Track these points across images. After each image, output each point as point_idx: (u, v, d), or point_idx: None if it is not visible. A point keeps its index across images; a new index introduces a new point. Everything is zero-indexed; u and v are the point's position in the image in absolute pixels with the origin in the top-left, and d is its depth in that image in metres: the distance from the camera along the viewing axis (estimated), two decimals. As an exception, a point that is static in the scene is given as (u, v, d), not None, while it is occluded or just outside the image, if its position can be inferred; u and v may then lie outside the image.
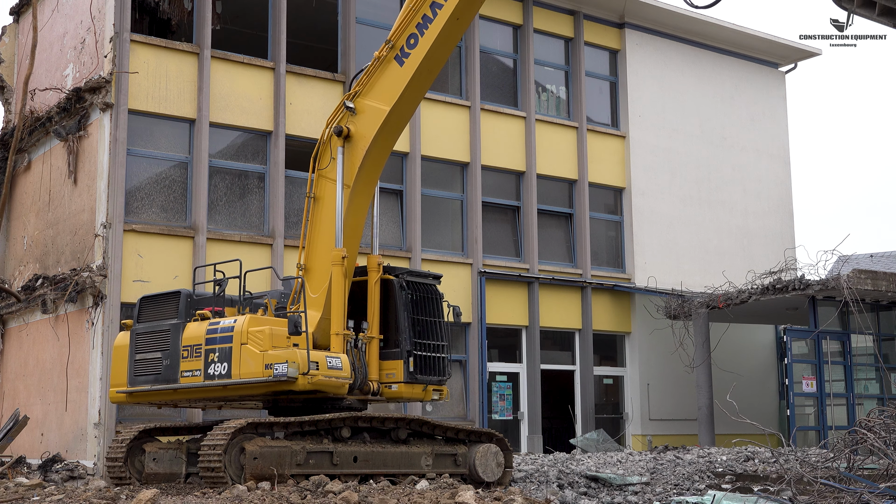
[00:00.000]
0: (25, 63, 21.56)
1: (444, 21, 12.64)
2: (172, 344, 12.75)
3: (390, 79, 12.89)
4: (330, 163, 13.13)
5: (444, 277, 21.87)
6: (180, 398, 13.06)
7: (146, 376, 12.97)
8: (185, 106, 19.04)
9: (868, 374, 23.56)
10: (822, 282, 21.01)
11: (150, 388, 12.92)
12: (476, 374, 21.60)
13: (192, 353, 12.51)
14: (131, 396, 13.27)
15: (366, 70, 13.26)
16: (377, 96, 12.98)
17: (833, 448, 14.53)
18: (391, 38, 12.93)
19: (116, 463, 13.20)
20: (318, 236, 13.06)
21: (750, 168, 27.23)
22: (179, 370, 12.58)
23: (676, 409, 24.44)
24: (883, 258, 30.66)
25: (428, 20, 12.74)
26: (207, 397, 12.98)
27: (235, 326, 12.26)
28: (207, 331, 12.46)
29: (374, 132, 12.92)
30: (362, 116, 13.00)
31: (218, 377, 12.25)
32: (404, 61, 12.85)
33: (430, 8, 12.78)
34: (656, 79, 25.60)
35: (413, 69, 12.78)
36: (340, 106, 13.22)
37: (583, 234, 23.91)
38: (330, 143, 13.15)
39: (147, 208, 18.64)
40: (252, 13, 21.31)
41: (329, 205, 13.07)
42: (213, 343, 12.36)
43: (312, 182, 13.28)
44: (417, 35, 12.79)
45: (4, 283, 21.16)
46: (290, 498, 10.38)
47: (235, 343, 12.20)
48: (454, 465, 12.86)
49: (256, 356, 12.06)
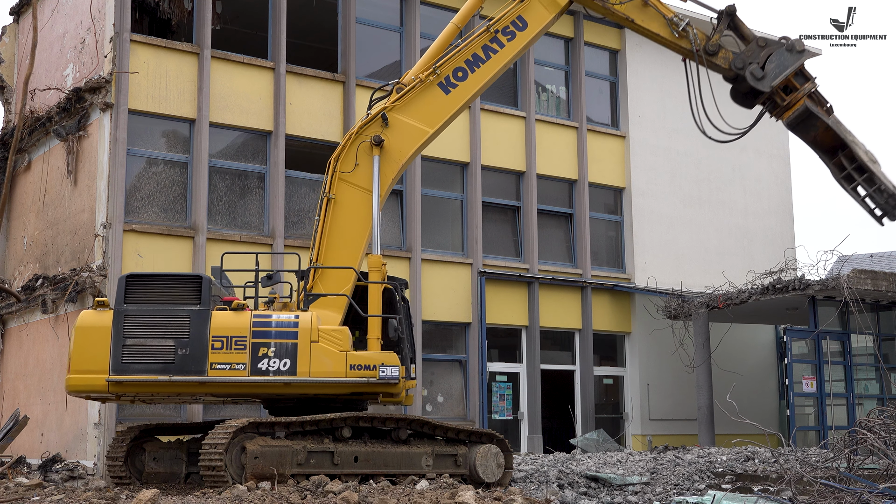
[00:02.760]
0: (25, 63, 21.57)
1: (498, 67, 13.37)
2: (195, 332, 11.97)
3: (434, 104, 13.26)
4: (354, 168, 13.05)
5: (444, 277, 22.01)
6: (209, 391, 12.39)
7: (144, 364, 11.94)
8: (185, 106, 19.04)
9: (868, 374, 23.56)
10: (822, 282, 21.01)
11: (157, 379, 11.92)
12: (476, 375, 21.61)
13: (228, 345, 11.99)
14: (120, 386, 11.98)
15: (396, 86, 13.39)
16: (418, 117, 13.24)
17: (833, 448, 14.53)
18: (437, 64, 13.29)
19: (116, 462, 13.19)
20: (334, 239, 12.92)
21: (750, 168, 27.23)
22: (208, 361, 11.95)
23: (676, 409, 24.44)
24: (883, 258, 30.64)
25: (479, 60, 13.32)
26: (248, 393, 12.46)
27: (301, 323, 12.11)
28: (254, 323, 12.08)
29: (413, 150, 13.23)
30: (400, 133, 13.16)
31: (274, 373, 12.04)
32: (450, 90, 13.29)
33: (482, 49, 13.33)
34: (656, 79, 25.60)
35: (461, 101, 13.32)
36: (376, 116, 13.17)
37: (583, 234, 23.92)
38: (358, 149, 13.08)
39: (147, 208, 18.64)
40: (252, 13, 21.31)
41: (348, 209, 12.99)
42: (264, 337, 12.04)
43: (330, 183, 13.11)
44: (467, 70, 13.33)
45: (4, 283, 21.17)
46: (290, 498, 10.38)
47: (302, 340, 12.04)
48: (454, 466, 12.86)
49: (336, 356, 12.11)
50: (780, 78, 13.39)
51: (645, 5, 13.75)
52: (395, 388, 12.41)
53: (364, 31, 21.73)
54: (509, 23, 13.48)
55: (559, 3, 13.67)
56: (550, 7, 13.60)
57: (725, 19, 13.76)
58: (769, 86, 13.43)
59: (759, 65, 13.47)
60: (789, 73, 13.40)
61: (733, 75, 13.70)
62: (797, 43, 13.40)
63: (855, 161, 13.37)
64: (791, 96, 13.46)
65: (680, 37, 13.78)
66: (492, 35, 13.43)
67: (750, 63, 13.53)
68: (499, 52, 13.33)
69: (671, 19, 13.76)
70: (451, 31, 13.73)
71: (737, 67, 13.55)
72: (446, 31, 13.70)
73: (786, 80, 13.43)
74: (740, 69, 13.54)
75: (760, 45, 13.60)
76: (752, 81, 13.45)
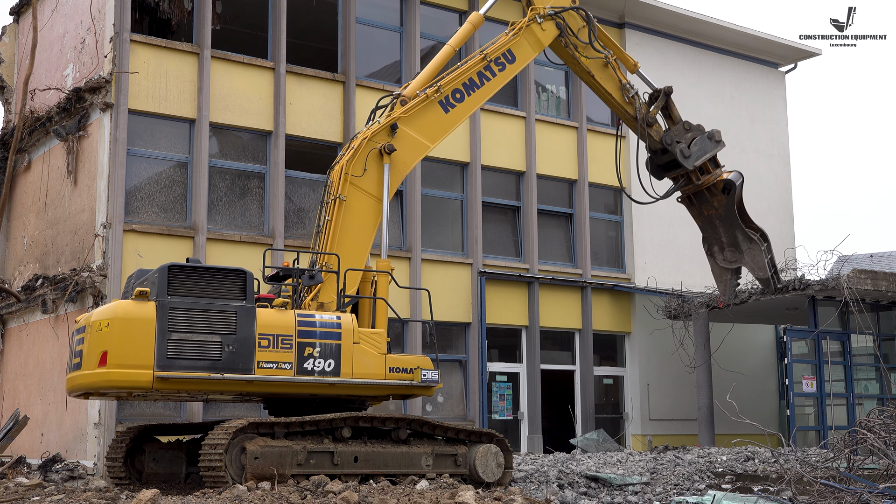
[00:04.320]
0: (25, 63, 21.57)
1: (491, 92, 14.58)
2: (242, 329, 11.67)
3: (435, 121, 14.00)
4: (364, 174, 13.25)
5: (444, 277, 22.02)
6: (255, 390, 12.17)
7: (191, 360, 11.39)
8: (185, 106, 19.05)
9: (868, 374, 23.57)
10: (822, 282, 21.02)
11: (208, 377, 11.47)
12: (476, 374, 21.61)
13: (275, 344, 11.91)
14: (166, 382, 11.33)
15: (399, 98, 13.88)
16: (420, 131, 13.85)
17: (833, 448, 14.54)
18: (439, 82, 14.08)
19: (116, 463, 13.19)
20: (341, 241, 13.03)
21: (750, 168, 27.20)
22: (255, 360, 11.75)
23: (676, 409, 24.44)
24: (883, 258, 30.65)
25: (475, 84, 14.35)
26: (291, 392, 12.34)
27: (343, 324, 12.26)
28: (299, 322, 12.07)
29: (415, 162, 13.96)
30: (406, 144, 13.67)
31: (319, 374, 12.07)
32: (449, 109, 14.12)
33: (477, 75, 14.36)
34: (656, 79, 25.41)
35: (459, 120, 14.27)
36: (386, 126, 13.53)
37: (583, 234, 23.92)
38: (368, 154, 13.31)
39: (147, 208, 18.64)
40: (252, 13, 21.31)
41: (357, 213, 13.17)
42: (310, 336, 12.07)
43: (339, 183, 13.17)
44: (463, 93, 14.26)
45: (4, 283, 21.17)
46: (290, 498, 10.38)
47: (345, 341, 12.20)
48: (454, 466, 12.87)
49: (377, 358, 12.46)
50: (701, 160, 15.72)
51: (606, 66, 15.58)
52: (431, 390, 13.05)
53: (364, 31, 21.73)
54: (500, 55, 14.70)
55: (542, 44, 15.14)
56: (535, 46, 15.08)
57: (663, 98, 15.81)
58: (692, 164, 15.66)
59: (686, 144, 15.65)
60: (708, 157, 15.79)
61: (660, 148, 15.73)
62: (716, 133, 15.80)
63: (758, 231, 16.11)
64: (705, 177, 15.90)
65: (629, 102, 15.68)
66: (486, 63, 14.50)
67: (678, 142, 15.64)
68: (491, 80, 14.55)
69: (624, 85, 15.68)
70: (448, 52, 14.67)
71: (666, 143, 15.64)
72: (443, 51, 14.61)
73: (704, 162, 15.83)
74: (669, 145, 15.63)
75: (686, 128, 15.80)
76: (680, 158, 15.56)
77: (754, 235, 16.08)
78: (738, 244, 16.07)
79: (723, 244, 16.24)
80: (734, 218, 15.96)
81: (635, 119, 15.59)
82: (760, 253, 16.00)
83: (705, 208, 16.20)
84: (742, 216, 16.20)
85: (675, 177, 16.12)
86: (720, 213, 16.04)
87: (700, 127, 15.94)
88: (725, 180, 15.76)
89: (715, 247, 16.33)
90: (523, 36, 14.90)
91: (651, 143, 15.70)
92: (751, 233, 16.08)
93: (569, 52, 15.27)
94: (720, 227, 16.19)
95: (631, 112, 15.64)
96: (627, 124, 15.97)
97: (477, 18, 15.14)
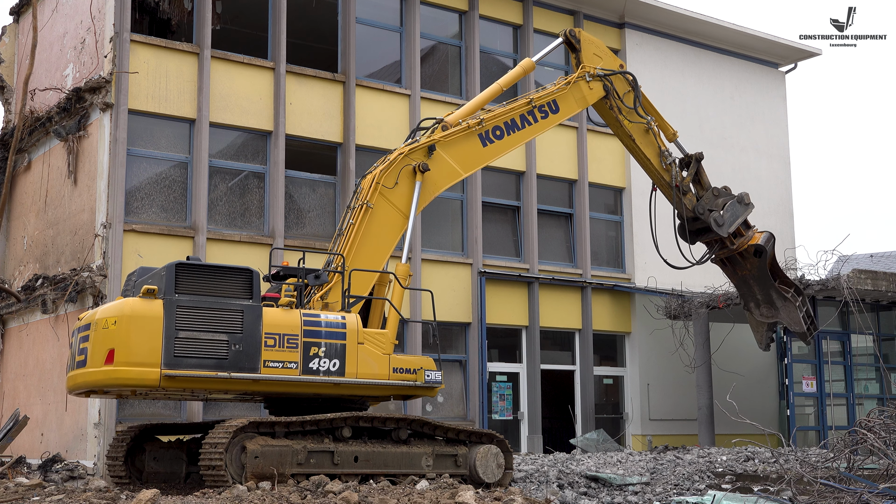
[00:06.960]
0: (25, 63, 21.57)
1: (530, 136, 14.81)
2: (248, 328, 11.63)
3: (472, 151, 14.16)
4: (395, 186, 13.37)
5: (444, 277, 22.02)
6: (261, 389, 12.16)
7: (197, 359, 11.37)
8: (185, 106, 19.05)
9: (868, 374, 23.58)
10: (822, 282, 21.02)
11: (215, 375, 11.47)
12: (476, 374, 21.61)
13: (281, 343, 11.90)
14: (173, 381, 11.29)
15: (442, 125, 14.05)
16: (456, 158, 14.02)
17: (833, 448, 14.54)
18: (484, 116, 14.24)
19: (116, 462, 13.19)
20: (360, 246, 13.12)
21: (750, 168, 27.23)
22: (261, 359, 11.76)
23: (676, 409, 24.44)
24: (883, 258, 30.67)
25: (516, 126, 14.54)
26: (296, 392, 12.33)
27: (348, 324, 12.31)
28: (304, 321, 12.08)
29: (446, 186, 14.02)
30: (440, 167, 13.82)
31: (324, 373, 12.09)
32: (487, 144, 14.28)
33: (519, 118, 14.58)
34: (656, 80, 25.59)
35: (494, 156, 14.41)
36: (425, 146, 13.69)
37: (583, 234, 23.92)
38: (402, 169, 13.45)
39: (147, 208, 18.64)
40: (252, 13, 21.31)
41: (381, 222, 13.28)
42: (315, 336, 12.08)
43: (369, 191, 13.24)
44: (504, 132, 14.44)
45: (4, 283, 21.17)
46: (290, 498, 10.38)
47: (350, 341, 12.25)
48: (454, 466, 12.87)
49: (381, 358, 12.51)
50: (734, 226, 15.75)
51: (647, 132, 15.60)
52: (434, 391, 13.08)
53: (364, 31, 21.73)
54: (545, 103, 14.89)
55: (587, 101, 15.24)
56: (580, 103, 15.19)
57: (695, 165, 15.83)
58: (727, 232, 15.66)
59: (718, 211, 15.66)
60: (740, 222, 15.83)
61: (692, 216, 15.80)
62: (745, 196, 15.85)
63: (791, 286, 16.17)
64: (739, 241, 15.90)
65: (665, 169, 15.69)
66: (531, 108, 14.68)
67: (711, 210, 15.66)
68: (532, 126, 14.76)
69: (663, 151, 15.69)
70: (496, 90, 15.01)
71: (699, 213, 15.68)
72: (491, 89, 14.96)
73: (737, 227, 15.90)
74: (701, 214, 15.66)
75: (715, 195, 15.82)
76: (714, 227, 15.58)
77: (788, 293, 16.10)
78: (772, 302, 16.12)
79: (758, 301, 16.27)
80: (767, 278, 16.00)
81: (670, 186, 15.67)
82: (795, 309, 16.03)
83: (739, 269, 16.22)
84: (776, 274, 16.24)
85: (709, 241, 16.09)
86: (753, 273, 16.08)
87: (727, 190, 15.97)
88: (756, 245, 15.83)
89: (751, 303, 16.37)
90: (570, 91, 15.07)
91: (684, 212, 15.80)
92: (784, 290, 16.08)
93: (613, 114, 15.34)
94: (755, 286, 16.22)
95: (667, 179, 15.68)
96: (662, 190, 16.00)
97: (528, 64, 15.44)
